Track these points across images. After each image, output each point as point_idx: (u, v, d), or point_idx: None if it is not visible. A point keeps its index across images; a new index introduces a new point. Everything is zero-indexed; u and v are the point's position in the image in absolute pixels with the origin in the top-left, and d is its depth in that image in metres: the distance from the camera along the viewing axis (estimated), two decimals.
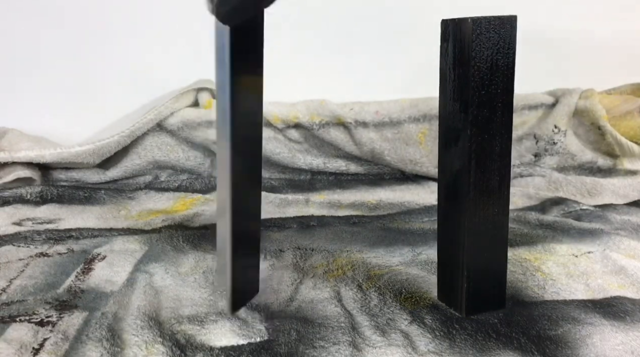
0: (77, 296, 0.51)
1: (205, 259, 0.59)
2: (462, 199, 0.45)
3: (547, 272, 0.55)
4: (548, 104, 0.92)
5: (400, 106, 0.90)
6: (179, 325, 0.46)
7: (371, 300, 0.50)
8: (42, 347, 0.44)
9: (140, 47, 0.92)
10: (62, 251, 0.62)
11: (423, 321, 0.47)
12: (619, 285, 0.53)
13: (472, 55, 0.42)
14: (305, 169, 0.91)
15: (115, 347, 0.43)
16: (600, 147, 0.92)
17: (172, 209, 0.77)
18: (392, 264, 0.57)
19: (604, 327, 0.45)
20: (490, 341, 0.44)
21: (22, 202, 0.78)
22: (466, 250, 0.46)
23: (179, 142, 0.89)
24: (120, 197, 0.81)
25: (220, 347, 0.43)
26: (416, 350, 0.43)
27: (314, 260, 0.59)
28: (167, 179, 0.89)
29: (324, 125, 0.88)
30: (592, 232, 0.65)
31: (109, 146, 0.85)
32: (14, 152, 0.83)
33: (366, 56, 0.95)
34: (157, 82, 0.92)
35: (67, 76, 0.92)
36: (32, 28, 0.90)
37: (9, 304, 0.50)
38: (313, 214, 0.73)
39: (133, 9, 0.90)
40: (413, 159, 0.89)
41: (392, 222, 0.70)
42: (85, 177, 0.88)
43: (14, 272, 0.56)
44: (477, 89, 0.43)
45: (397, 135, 0.89)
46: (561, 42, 0.99)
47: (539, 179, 0.88)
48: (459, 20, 0.43)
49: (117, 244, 0.64)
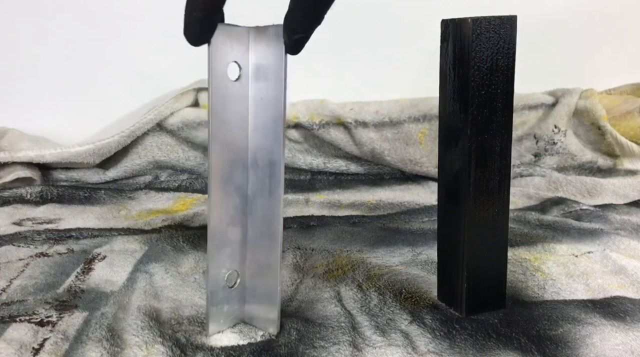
0: (77, 296, 0.51)
1: (205, 259, 0.59)
2: (462, 199, 0.45)
3: (547, 272, 0.55)
4: (548, 104, 0.92)
5: (400, 106, 0.90)
6: (179, 325, 0.46)
7: (371, 300, 0.50)
8: (42, 347, 0.43)
9: (141, 47, 0.92)
10: (62, 251, 0.62)
11: (423, 321, 0.47)
12: (619, 285, 0.53)
13: (472, 56, 0.42)
14: (305, 169, 0.91)
15: (115, 347, 0.43)
16: (600, 147, 0.92)
17: (172, 209, 0.77)
18: (392, 264, 0.57)
19: (604, 327, 0.45)
20: (490, 341, 0.44)
21: (22, 202, 0.78)
22: (466, 250, 0.46)
23: (179, 142, 0.89)
24: (120, 197, 0.81)
25: (221, 347, 0.43)
26: (416, 350, 0.43)
27: (314, 260, 0.59)
28: (167, 179, 0.89)
29: (324, 125, 0.88)
30: (592, 232, 0.65)
31: (109, 146, 0.85)
32: (14, 152, 0.83)
33: (366, 56, 0.95)
34: (157, 82, 0.92)
35: (67, 76, 0.92)
36: (32, 28, 0.90)
37: (8, 304, 0.50)
38: (313, 214, 0.73)
39: (133, 9, 0.90)
40: (413, 159, 0.89)
41: (392, 222, 0.70)
42: (85, 177, 0.88)
43: (13, 272, 0.56)
44: (477, 89, 0.43)
45: (397, 135, 0.89)
46: (561, 42, 0.99)
47: (539, 179, 0.88)
48: (459, 20, 0.43)
49: (117, 244, 0.64)
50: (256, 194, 0.45)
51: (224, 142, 0.43)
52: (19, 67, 0.91)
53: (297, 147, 0.90)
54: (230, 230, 0.45)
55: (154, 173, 0.90)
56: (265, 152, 0.44)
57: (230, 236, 0.45)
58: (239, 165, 0.45)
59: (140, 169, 0.89)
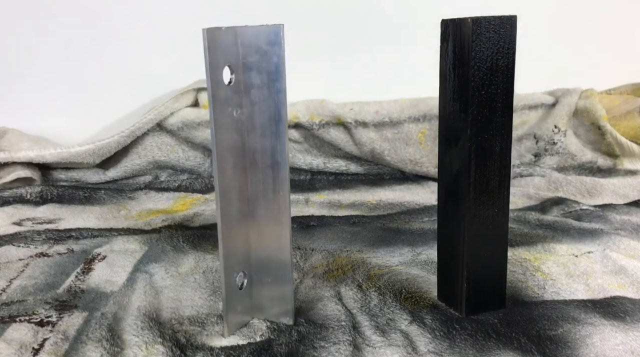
0: (77, 296, 0.51)
1: (205, 259, 0.59)
2: (462, 199, 0.45)
3: (547, 272, 0.55)
4: (548, 104, 0.92)
5: (400, 106, 0.90)
6: (179, 325, 0.46)
7: (371, 300, 0.50)
8: (42, 347, 0.43)
9: (141, 48, 0.92)
10: (62, 251, 0.62)
11: (423, 321, 0.46)
12: (619, 285, 0.53)
13: (472, 56, 0.42)
14: (305, 169, 0.91)
15: (115, 347, 0.43)
16: (600, 147, 0.92)
17: (172, 209, 0.77)
18: (392, 264, 0.57)
19: (604, 327, 0.45)
20: (490, 341, 0.44)
21: (22, 202, 0.78)
22: (466, 250, 0.46)
23: (179, 142, 0.89)
24: (120, 197, 0.81)
25: (221, 347, 0.43)
26: (416, 350, 0.43)
27: (314, 260, 0.59)
28: (167, 179, 0.89)
29: (324, 125, 0.88)
30: (592, 232, 0.64)
31: (109, 146, 0.85)
32: (14, 152, 0.83)
33: (366, 56, 0.95)
34: (157, 82, 0.92)
35: (67, 76, 0.92)
36: (33, 29, 0.90)
37: (9, 304, 0.50)
38: (313, 214, 0.73)
39: (133, 10, 0.90)
40: (413, 159, 0.89)
41: (392, 222, 0.70)
42: (85, 177, 0.88)
43: (14, 272, 0.56)
44: (477, 89, 0.43)
45: (397, 135, 0.89)
46: (561, 42, 0.99)
47: (539, 179, 0.88)
48: (459, 21, 0.43)
49: (117, 244, 0.64)
50: (260, 195, 0.46)
51: (226, 147, 0.43)
52: (19, 68, 0.91)
53: (297, 147, 0.90)
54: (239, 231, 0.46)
55: (154, 173, 0.90)
56: (267, 153, 0.45)
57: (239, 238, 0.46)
58: (242, 168, 0.45)
59: (140, 169, 0.89)
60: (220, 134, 0.42)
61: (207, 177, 0.89)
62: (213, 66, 0.41)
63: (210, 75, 0.41)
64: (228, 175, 0.44)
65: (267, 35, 0.42)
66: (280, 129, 0.44)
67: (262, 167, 0.45)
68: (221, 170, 0.43)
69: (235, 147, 0.44)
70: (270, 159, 0.45)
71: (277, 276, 0.47)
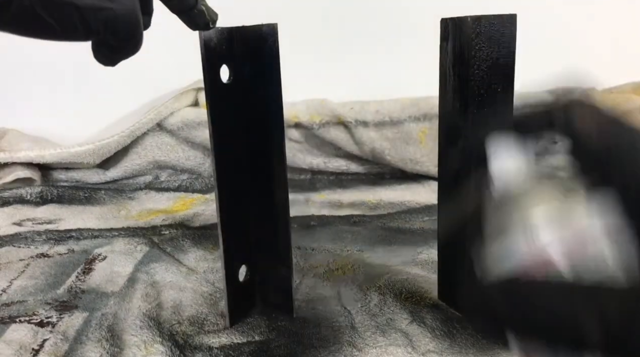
0: (78, 297, 0.51)
1: (205, 259, 0.59)
2: (462, 198, 0.45)
3: None
4: None
5: (400, 105, 0.90)
6: (179, 325, 0.46)
7: (371, 300, 0.50)
8: (42, 348, 0.43)
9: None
10: (62, 251, 0.62)
11: (423, 320, 0.46)
12: None
13: (472, 55, 0.42)
14: (305, 168, 0.91)
15: (114, 347, 0.43)
16: None
17: (172, 209, 0.77)
18: (392, 263, 0.57)
19: None
20: None
21: (22, 202, 0.78)
22: (466, 249, 0.46)
23: (179, 142, 0.89)
24: (120, 197, 0.81)
25: (220, 347, 0.43)
26: (416, 350, 0.43)
27: (314, 260, 0.59)
28: (167, 179, 0.89)
29: (324, 125, 0.88)
30: None
31: (109, 146, 0.85)
32: (14, 152, 0.83)
33: (366, 56, 0.95)
34: (157, 82, 0.92)
35: (67, 76, 0.92)
36: None
37: (9, 304, 0.50)
38: (313, 214, 0.73)
39: None
40: (413, 158, 0.89)
41: (393, 222, 0.70)
42: (85, 177, 0.88)
43: (14, 273, 0.56)
44: (477, 88, 0.43)
45: (397, 135, 0.89)
46: (562, 41, 0.98)
47: None
48: (458, 19, 0.43)
49: (117, 244, 0.64)
50: (260, 195, 0.46)
51: (225, 146, 0.43)
52: (19, 68, 0.91)
53: (297, 146, 0.90)
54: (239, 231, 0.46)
55: (154, 173, 0.90)
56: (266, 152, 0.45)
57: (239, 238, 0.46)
58: (241, 168, 0.45)
59: (140, 169, 0.89)
60: (219, 133, 0.42)
61: (207, 177, 0.89)
62: (210, 65, 0.41)
63: (207, 74, 0.41)
64: (228, 175, 0.44)
65: (262, 34, 0.42)
66: (278, 128, 0.44)
67: (261, 166, 0.45)
68: (220, 170, 0.43)
69: (233, 146, 0.44)
70: (269, 157, 0.45)
71: (277, 276, 0.47)
